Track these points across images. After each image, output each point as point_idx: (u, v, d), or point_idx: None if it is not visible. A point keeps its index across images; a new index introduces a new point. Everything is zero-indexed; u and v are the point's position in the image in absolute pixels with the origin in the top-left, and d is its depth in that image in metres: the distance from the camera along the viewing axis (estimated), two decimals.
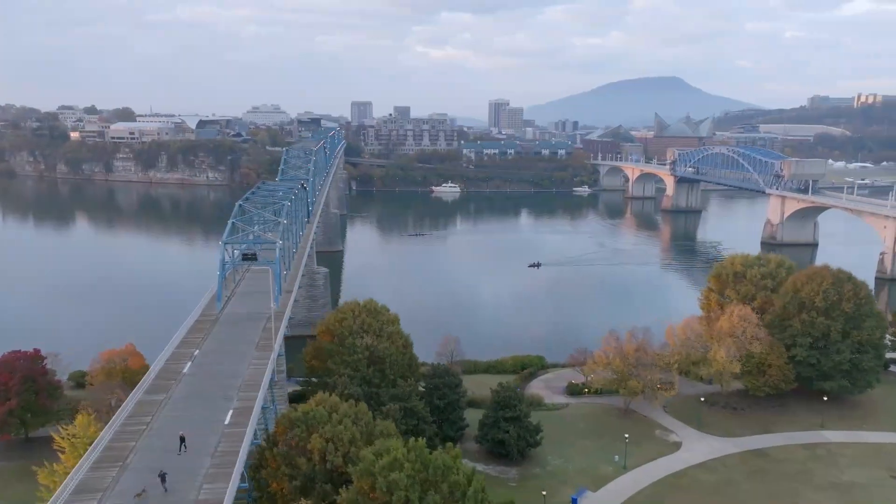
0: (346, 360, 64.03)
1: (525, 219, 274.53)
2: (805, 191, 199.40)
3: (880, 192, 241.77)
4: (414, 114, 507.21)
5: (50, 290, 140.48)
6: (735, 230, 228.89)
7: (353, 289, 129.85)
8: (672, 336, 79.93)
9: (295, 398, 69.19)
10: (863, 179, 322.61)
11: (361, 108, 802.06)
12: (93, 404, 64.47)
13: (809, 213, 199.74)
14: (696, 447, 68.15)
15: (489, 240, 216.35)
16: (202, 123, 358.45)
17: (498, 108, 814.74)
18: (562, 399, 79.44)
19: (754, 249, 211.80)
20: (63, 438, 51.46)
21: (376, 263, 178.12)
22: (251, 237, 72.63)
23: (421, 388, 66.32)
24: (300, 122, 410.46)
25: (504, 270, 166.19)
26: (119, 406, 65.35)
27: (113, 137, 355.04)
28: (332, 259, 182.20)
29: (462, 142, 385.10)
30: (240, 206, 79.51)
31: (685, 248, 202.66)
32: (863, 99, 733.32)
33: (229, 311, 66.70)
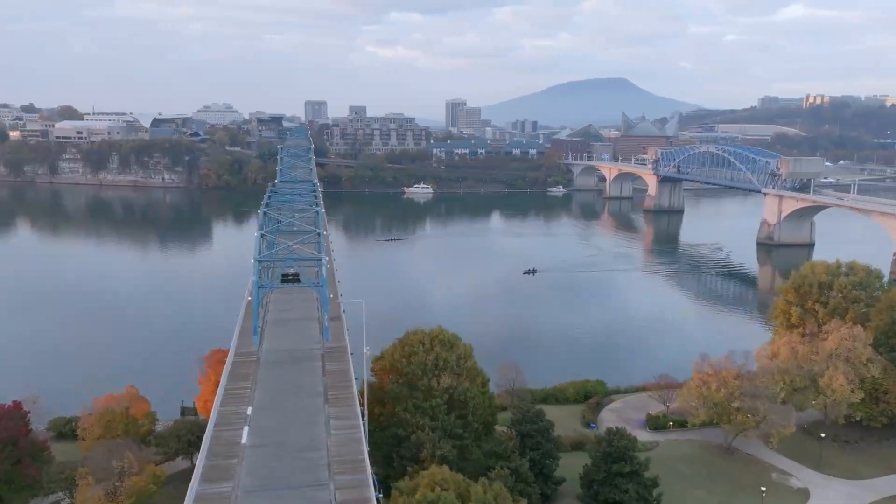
0: (422, 406, 51.10)
1: (503, 221, 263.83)
2: (801, 190, 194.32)
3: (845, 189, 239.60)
4: (370, 114, 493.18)
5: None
6: (726, 231, 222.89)
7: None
8: (765, 357, 69.59)
9: None
10: (825, 178, 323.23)
11: (316, 107, 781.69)
12: (92, 471, 50.21)
13: (806, 213, 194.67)
14: (828, 495, 57.74)
15: (470, 244, 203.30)
16: (157, 122, 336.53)
17: (455, 108, 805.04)
18: (645, 435, 68.10)
19: (751, 250, 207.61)
20: None
21: (357, 271, 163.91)
22: (288, 252, 58.88)
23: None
24: (260, 120, 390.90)
25: (496, 278, 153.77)
26: (127, 472, 52.08)
27: (58, 137, 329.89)
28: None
29: (431, 141, 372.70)
30: (264, 213, 65.68)
31: (684, 252, 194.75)
32: (811, 100, 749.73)
33: (269, 348, 52.98)
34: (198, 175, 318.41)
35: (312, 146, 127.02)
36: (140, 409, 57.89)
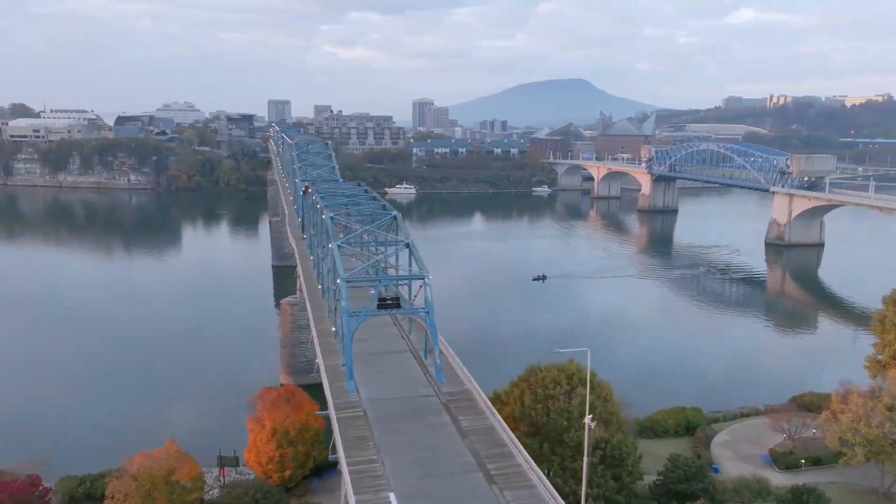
0: (571, 467, 39.80)
1: (492, 223, 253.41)
2: (810, 188, 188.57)
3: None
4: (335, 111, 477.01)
5: None
6: (728, 232, 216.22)
7: None
8: None
9: None
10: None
11: (279, 106, 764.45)
12: None
13: (817, 213, 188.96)
14: None
15: (465, 248, 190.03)
16: (121, 120, 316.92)
17: (423, 108, 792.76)
18: (777, 477, 57.94)
19: (759, 251, 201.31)
20: None
21: None
22: (373, 271, 46.88)
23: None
24: (230, 119, 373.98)
25: (504, 286, 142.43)
26: None
27: (12, 136, 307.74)
28: None
29: (412, 140, 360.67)
30: (331, 218, 53.51)
31: (696, 255, 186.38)
32: (775, 100, 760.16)
33: (371, 397, 40.95)
34: (166, 176, 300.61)
35: (329, 142, 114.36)
36: (186, 472, 45.26)
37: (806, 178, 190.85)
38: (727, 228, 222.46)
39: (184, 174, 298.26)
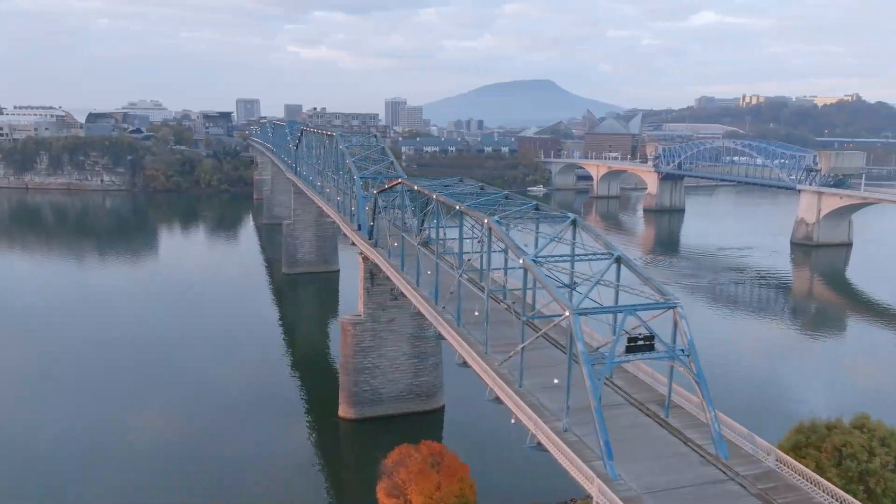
0: None
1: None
2: (837, 185, 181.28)
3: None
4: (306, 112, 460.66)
5: None
6: (748, 231, 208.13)
7: None
8: None
9: None
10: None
11: (248, 105, 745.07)
12: None
13: (846, 211, 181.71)
14: None
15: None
16: (92, 117, 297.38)
17: (396, 107, 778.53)
18: None
19: (784, 251, 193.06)
20: None
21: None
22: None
23: None
24: (207, 116, 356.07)
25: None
26: None
27: None
28: (329, 282, 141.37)
29: (400, 138, 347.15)
30: (498, 223, 40.59)
31: (716, 258, 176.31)
32: (747, 100, 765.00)
33: (648, 486, 28.15)
34: (143, 176, 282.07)
35: (378, 134, 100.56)
36: None
37: (835, 176, 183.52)
38: (744, 228, 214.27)
39: (161, 174, 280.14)
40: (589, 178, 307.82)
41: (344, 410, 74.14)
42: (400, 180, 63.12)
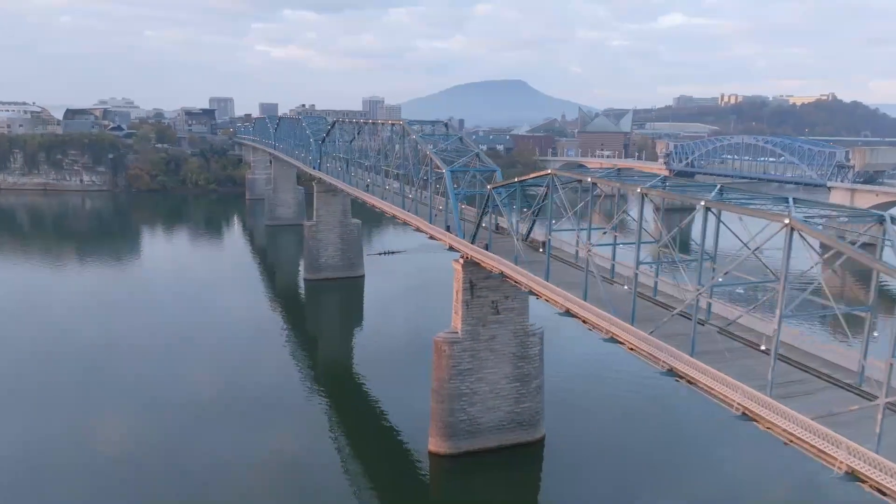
0: None
1: None
2: (869, 182, 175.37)
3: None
4: (281, 111, 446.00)
5: None
6: (767, 228, 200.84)
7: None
8: None
9: None
10: None
11: (222, 104, 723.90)
12: None
13: (879, 209, 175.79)
14: None
15: None
16: (71, 113, 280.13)
17: (373, 106, 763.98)
18: None
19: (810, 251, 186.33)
20: None
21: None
22: None
23: None
24: (189, 114, 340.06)
25: None
26: None
27: None
28: (353, 288, 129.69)
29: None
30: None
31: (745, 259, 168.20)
32: (726, 99, 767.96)
33: None
34: (125, 176, 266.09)
35: (448, 125, 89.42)
36: None
37: (866, 173, 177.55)
38: (761, 225, 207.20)
39: (146, 174, 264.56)
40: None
41: (436, 444, 63.12)
42: (551, 171, 52.59)
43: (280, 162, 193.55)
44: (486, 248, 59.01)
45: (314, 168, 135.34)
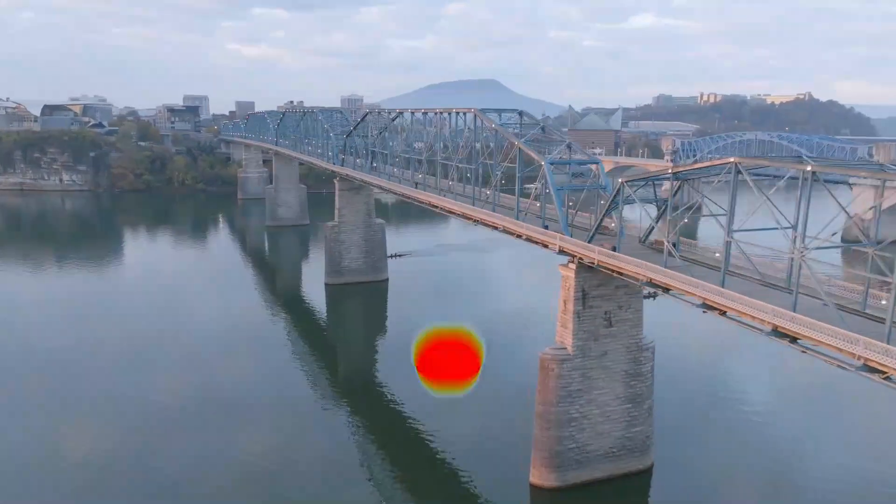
0: None
1: None
2: None
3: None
4: (258, 108, 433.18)
5: None
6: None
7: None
8: None
9: None
10: None
11: (197, 101, 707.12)
12: None
13: None
14: None
15: (500, 259, 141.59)
16: (49, 109, 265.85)
17: (353, 104, 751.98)
18: None
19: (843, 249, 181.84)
20: None
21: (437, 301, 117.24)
22: None
23: None
24: (171, 110, 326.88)
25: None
26: None
27: None
28: (377, 293, 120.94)
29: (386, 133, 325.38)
30: None
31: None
32: (705, 98, 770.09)
33: None
34: (108, 175, 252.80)
35: (524, 114, 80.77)
36: None
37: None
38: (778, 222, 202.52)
39: (130, 173, 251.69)
40: (584, 175, 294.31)
41: (540, 476, 54.97)
42: (733, 159, 44.77)
43: (282, 160, 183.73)
44: (614, 249, 51.02)
45: (335, 164, 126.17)
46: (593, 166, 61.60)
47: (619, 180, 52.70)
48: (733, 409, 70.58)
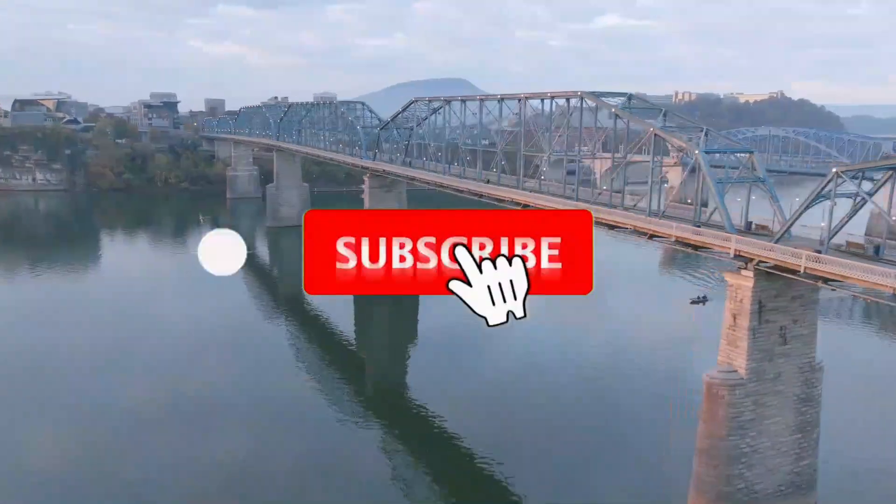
0: None
1: None
2: None
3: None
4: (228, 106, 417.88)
5: None
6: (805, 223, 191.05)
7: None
8: None
9: None
10: None
11: (166, 98, 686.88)
12: None
13: None
14: None
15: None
16: (20, 104, 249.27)
17: (326, 101, 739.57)
18: None
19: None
20: None
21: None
22: None
23: None
24: (148, 106, 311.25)
25: (662, 310, 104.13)
26: None
27: None
28: (407, 301, 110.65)
29: (377, 130, 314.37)
30: None
31: None
32: (680, 97, 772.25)
33: None
34: (85, 173, 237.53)
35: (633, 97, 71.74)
36: None
37: None
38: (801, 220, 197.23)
39: (109, 171, 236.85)
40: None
41: None
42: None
43: (284, 156, 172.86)
44: (878, 251, 42.19)
45: (367, 158, 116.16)
46: (747, 155, 52.69)
47: (834, 170, 43.79)
48: None
